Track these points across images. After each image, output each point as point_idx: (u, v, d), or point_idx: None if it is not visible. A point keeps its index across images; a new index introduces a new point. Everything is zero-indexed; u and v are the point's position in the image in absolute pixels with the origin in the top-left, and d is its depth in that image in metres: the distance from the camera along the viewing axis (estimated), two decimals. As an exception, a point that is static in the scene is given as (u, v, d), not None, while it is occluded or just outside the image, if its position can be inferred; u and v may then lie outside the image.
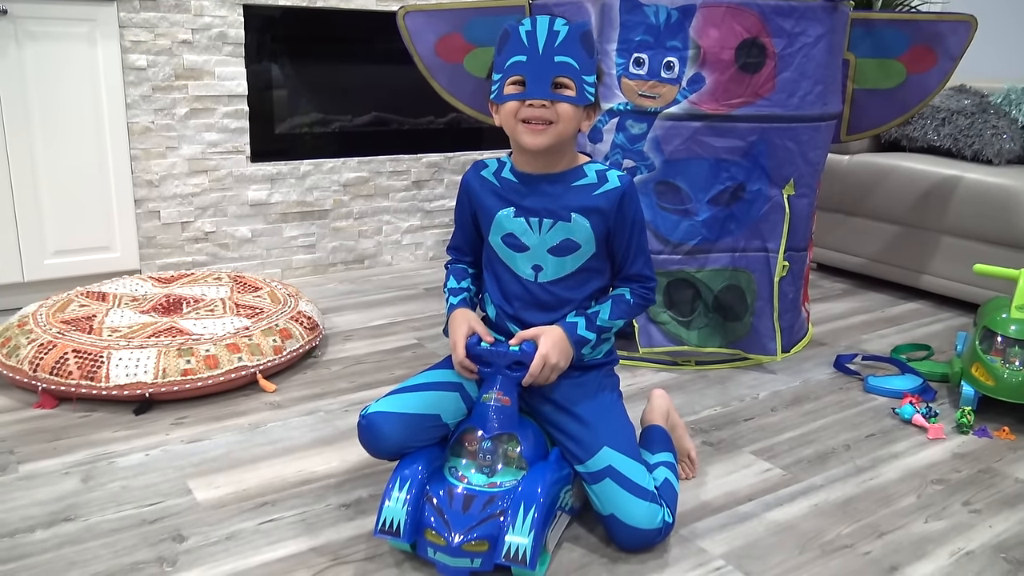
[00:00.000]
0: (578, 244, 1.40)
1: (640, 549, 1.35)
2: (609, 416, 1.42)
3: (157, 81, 2.48)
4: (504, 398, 1.35)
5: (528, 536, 1.22)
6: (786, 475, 1.65)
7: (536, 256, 1.41)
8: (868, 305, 2.76)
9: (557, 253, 1.40)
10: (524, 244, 1.41)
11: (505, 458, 1.35)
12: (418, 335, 2.35)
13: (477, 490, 1.30)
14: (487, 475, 1.33)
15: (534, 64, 1.30)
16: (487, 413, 1.36)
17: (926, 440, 1.81)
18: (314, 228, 2.87)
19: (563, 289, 1.42)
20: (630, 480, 1.33)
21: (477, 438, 1.35)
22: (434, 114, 3.05)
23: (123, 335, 1.94)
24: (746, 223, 2.10)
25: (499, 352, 1.36)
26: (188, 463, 1.62)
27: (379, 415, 1.35)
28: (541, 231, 1.40)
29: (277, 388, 1.96)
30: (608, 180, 1.39)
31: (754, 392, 2.04)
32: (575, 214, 1.38)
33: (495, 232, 1.43)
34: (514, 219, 1.40)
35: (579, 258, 1.41)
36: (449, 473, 1.34)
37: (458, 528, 1.25)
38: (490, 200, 1.43)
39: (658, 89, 1.99)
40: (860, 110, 2.36)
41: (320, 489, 1.54)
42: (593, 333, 1.40)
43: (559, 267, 1.41)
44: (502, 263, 1.45)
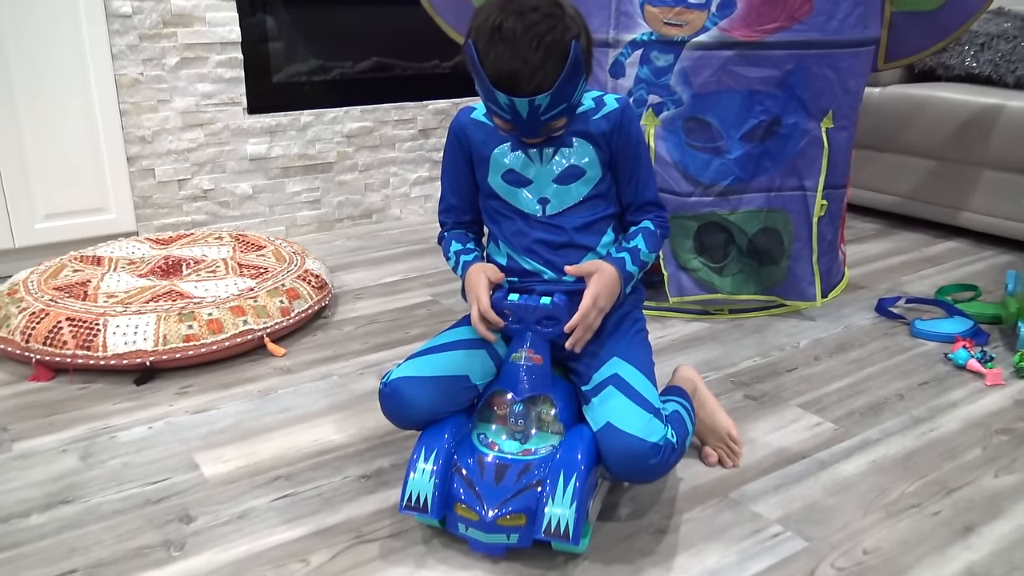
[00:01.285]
0: (583, 169, 1.28)
1: (635, 471, 1.15)
2: (627, 335, 1.31)
3: (144, 29, 2.32)
4: (536, 356, 1.23)
5: (570, 508, 1.11)
6: (838, 429, 1.53)
7: (541, 187, 1.29)
8: (904, 245, 2.62)
9: (563, 181, 1.29)
10: (526, 177, 1.29)
11: (539, 422, 1.23)
12: (433, 291, 2.22)
13: (510, 458, 1.18)
14: (520, 441, 1.21)
15: (519, 122, 1.17)
16: (517, 374, 1.24)
17: (984, 387, 1.69)
18: (318, 182, 2.73)
19: (573, 221, 1.30)
20: (634, 389, 1.20)
21: (507, 401, 1.23)
22: (439, 57, 2.88)
23: (120, 300, 1.81)
24: (782, 160, 1.95)
25: (528, 306, 1.23)
26: (194, 435, 1.50)
27: (403, 380, 1.22)
28: (543, 160, 1.28)
29: (286, 352, 1.84)
30: (605, 103, 1.28)
31: (794, 340, 1.92)
32: (576, 138, 1.27)
33: (494, 172, 1.31)
34: (512, 153, 1.29)
35: (586, 184, 1.29)
36: (478, 441, 1.22)
37: (491, 501, 1.14)
38: (483, 140, 1.31)
39: (685, 16, 1.83)
40: (898, 35, 2.18)
41: (337, 460, 1.43)
42: (637, 267, 1.29)
43: (566, 196, 1.29)
44: (505, 204, 1.32)
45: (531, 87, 1.11)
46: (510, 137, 1.28)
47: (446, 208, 1.40)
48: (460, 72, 2.93)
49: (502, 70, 1.11)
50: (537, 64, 1.10)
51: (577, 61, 1.13)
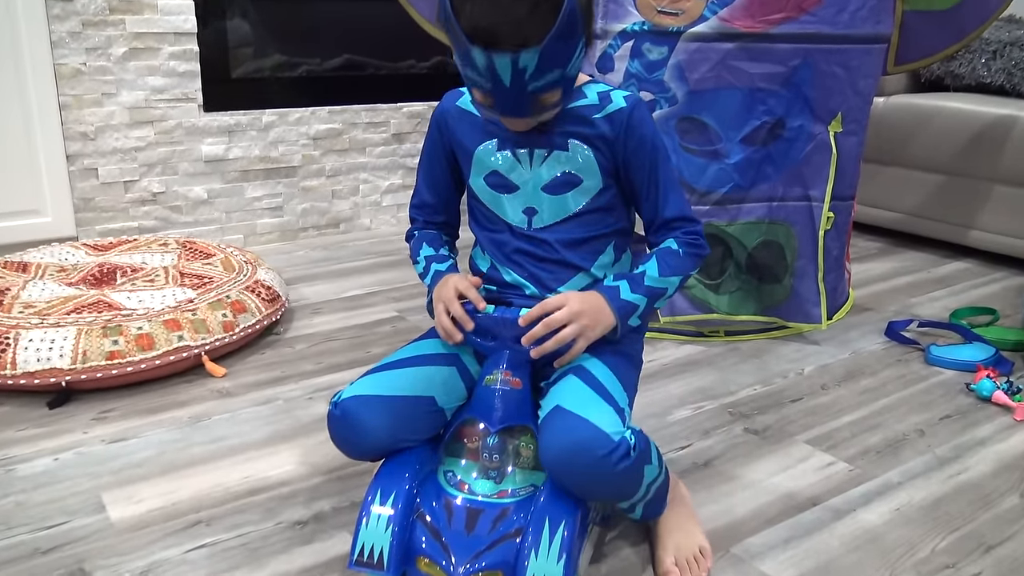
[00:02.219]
0: (579, 178, 1.07)
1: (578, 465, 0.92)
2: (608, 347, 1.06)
3: (88, 15, 2.11)
4: (514, 380, 1.03)
5: (557, 564, 0.91)
6: (854, 470, 1.33)
7: (528, 196, 1.08)
8: (911, 265, 2.44)
9: (554, 190, 1.07)
10: (512, 183, 1.08)
11: (517, 457, 1.03)
12: (398, 307, 2.01)
13: (483, 502, 0.99)
14: (495, 481, 1.01)
15: (502, 95, 0.95)
16: (492, 400, 1.03)
17: (1013, 422, 1.50)
18: (281, 188, 2.52)
19: (563, 237, 1.08)
20: (598, 380, 1.00)
21: (479, 432, 1.03)
22: (415, 57, 2.69)
23: (37, 311, 1.60)
24: (785, 166, 1.76)
25: (505, 319, 1.03)
26: (106, 470, 1.29)
27: (357, 400, 1.00)
28: (532, 164, 1.07)
29: (227, 372, 1.62)
30: (612, 100, 1.05)
31: (798, 367, 1.72)
32: (573, 140, 1.05)
33: (476, 172, 1.10)
34: (498, 153, 1.08)
35: (582, 195, 1.07)
36: (445, 480, 1.02)
37: (462, 554, 0.94)
38: (468, 133, 1.10)
39: (681, 3, 1.64)
40: (911, 36, 2.01)
41: (271, 501, 1.21)
42: (642, 296, 1.04)
43: (557, 208, 1.08)
44: (487, 211, 1.12)
45: (515, 40, 0.89)
46: (497, 132, 1.07)
47: (418, 204, 1.20)
48: (439, 73, 2.74)
49: (480, 21, 0.89)
50: (523, 13, 0.89)
51: (573, 15, 0.90)
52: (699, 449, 1.38)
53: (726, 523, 1.18)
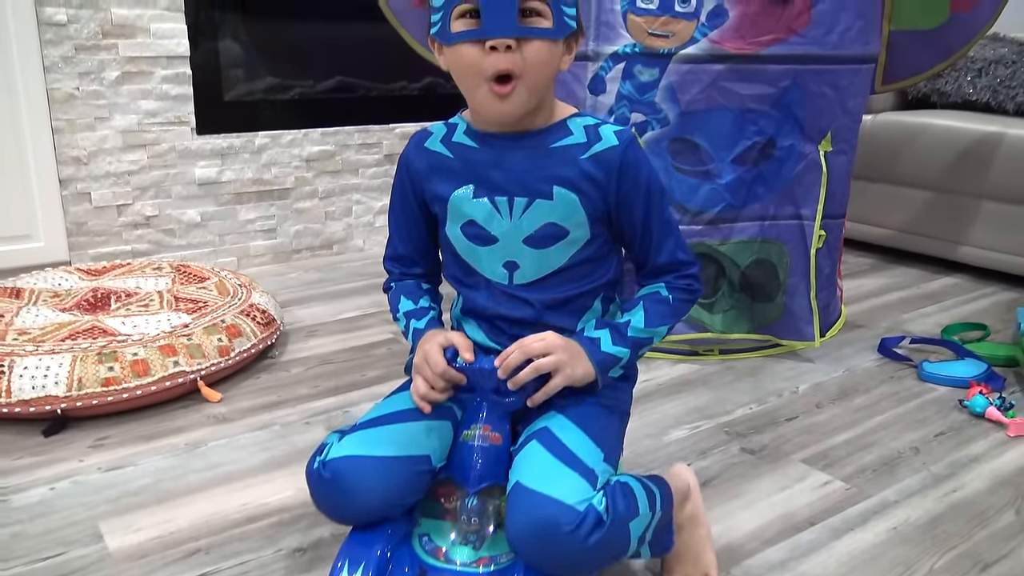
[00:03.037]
0: (565, 230, 0.99)
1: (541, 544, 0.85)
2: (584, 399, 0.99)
3: (81, 39, 2.12)
4: (493, 435, 0.96)
5: None
6: (850, 489, 1.33)
7: (508, 249, 1.00)
8: (901, 281, 2.45)
9: (536, 244, 0.99)
10: (491, 234, 1.00)
11: (497, 518, 0.95)
12: (394, 329, 2.02)
13: (461, 571, 0.92)
14: (474, 546, 0.94)
15: None
16: (470, 458, 0.96)
17: (1007, 438, 1.51)
18: (274, 210, 2.53)
19: (547, 297, 1.01)
20: (562, 444, 0.92)
21: (457, 492, 0.97)
22: (407, 78, 2.70)
23: (32, 338, 1.59)
24: (777, 186, 1.78)
25: (484, 370, 0.96)
26: (103, 499, 1.28)
27: (347, 462, 0.92)
28: (512, 215, 0.98)
29: (223, 397, 1.62)
30: (602, 138, 0.98)
31: (792, 385, 1.73)
32: (558, 187, 0.97)
33: (452, 220, 1.02)
34: (474, 200, 0.99)
35: (567, 248, 1.00)
36: (420, 545, 0.95)
37: None
38: (440, 180, 1.02)
39: (672, 26, 1.66)
40: (897, 55, 2.03)
41: (269, 528, 1.21)
42: (625, 348, 0.98)
43: (540, 263, 1.00)
44: (463, 264, 1.04)
45: None
46: (473, 177, 0.99)
47: (393, 255, 1.12)
48: (430, 94, 2.76)
49: None
50: None
51: None
52: (696, 469, 1.38)
53: (725, 544, 1.18)
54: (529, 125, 0.99)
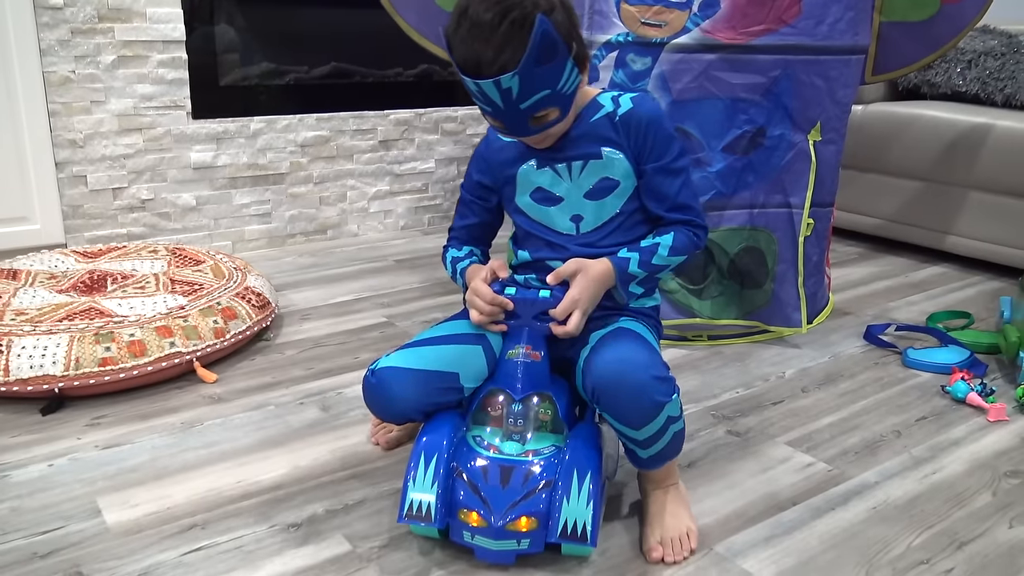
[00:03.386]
0: (616, 181, 1.19)
1: (627, 389, 1.06)
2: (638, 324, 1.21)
3: (77, 23, 2.13)
4: (534, 353, 1.15)
5: (587, 508, 1.05)
6: (832, 470, 1.37)
7: (572, 205, 1.21)
8: (889, 270, 2.49)
9: (595, 196, 1.20)
10: (557, 195, 1.21)
11: (537, 422, 1.15)
12: (387, 312, 2.04)
13: (514, 459, 1.10)
14: (519, 443, 1.13)
15: (501, 114, 1.09)
16: (514, 372, 1.15)
17: (987, 423, 1.54)
18: (269, 195, 2.54)
19: (608, 238, 1.21)
20: (639, 336, 1.14)
21: (501, 402, 1.15)
22: (403, 65, 2.72)
23: (30, 319, 1.61)
24: (766, 174, 1.80)
25: (526, 299, 1.16)
26: (101, 475, 1.30)
27: (391, 372, 1.15)
28: (572, 176, 1.20)
29: (218, 378, 1.64)
30: (621, 105, 1.18)
31: (779, 370, 1.76)
32: (605, 148, 1.18)
33: (522, 192, 1.24)
34: (539, 171, 1.21)
35: (620, 196, 1.20)
36: (475, 443, 1.13)
37: (499, 506, 1.06)
38: (507, 161, 1.24)
39: (664, 15, 1.68)
40: (888, 46, 2.06)
41: (263, 505, 1.23)
42: (645, 271, 1.18)
43: (600, 212, 1.21)
44: (538, 224, 1.24)
45: (495, 67, 1.02)
46: (535, 152, 1.20)
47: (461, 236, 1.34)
48: (425, 81, 2.77)
49: (466, 53, 1.04)
50: (500, 43, 1.01)
51: (547, 38, 1.01)
52: (683, 451, 1.39)
53: (709, 522, 1.21)
54: None
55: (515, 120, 1.08)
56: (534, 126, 1.10)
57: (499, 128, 1.14)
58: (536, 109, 1.07)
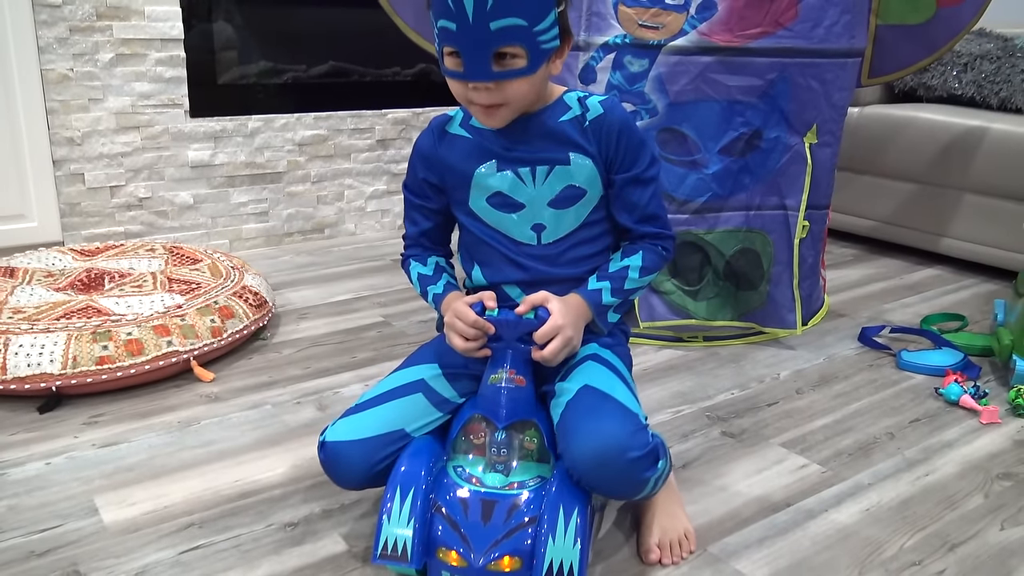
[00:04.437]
0: (583, 189, 1.13)
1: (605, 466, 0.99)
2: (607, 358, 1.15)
3: (75, 21, 2.13)
4: (518, 378, 1.09)
5: (574, 547, 0.98)
6: (826, 472, 1.37)
7: (534, 213, 1.14)
8: (884, 272, 2.50)
9: (559, 204, 1.13)
10: (518, 201, 1.13)
11: (521, 451, 1.08)
12: (384, 312, 2.05)
13: (496, 493, 1.04)
14: (503, 474, 1.07)
15: (467, 37, 0.98)
16: (497, 398, 1.08)
17: (979, 425, 1.55)
18: (266, 193, 2.55)
19: (571, 250, 1.15)
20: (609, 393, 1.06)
21: (484, 429, 1.09)
22: (400, 64, 2.72)
23: (27, 317, 1.61)
24: (762, 176, 1.81)
25: (509, 321, 1.08)
26: (98, 473, 1.31)
27: (336, 446, 1.08)
28: (535, 182, 1.12)
29: (215, 377, 1.65)
30: (589, 108, 1.12)
31: (774, 371, 1.77)
32: (572, 153, 1.11)
33: (476, 196, 1.15)
34: (499, 174, 1.13)
35: (585, 206, 1.14)
36: (456, 474, 1.07)
37: (480, 544, 1.00)
38: (461, 159, 1.14)
39: (662, 17, 1.69)
40: (884, 49, 2.07)
41: (261, 504, 1.24)
42: (619, 298, 1.13)
43: (563, 221, 1.14)
44: (493, 232, 1.16)
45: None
46: (495, 152, 1.12)
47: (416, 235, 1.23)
48: (423, 80, 2.78)
49: None
50: None
51: None
52: (678, 452, 1.42)
53: (704, 523, 1.22)
54: (531, 108, 1.11)
55: (478, 49, 0.98)
56: (496, 69, 0.99)
57: (454, 70, 1.02)
58: (506, 38, 0.97)
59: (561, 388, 1.09)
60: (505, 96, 1.03)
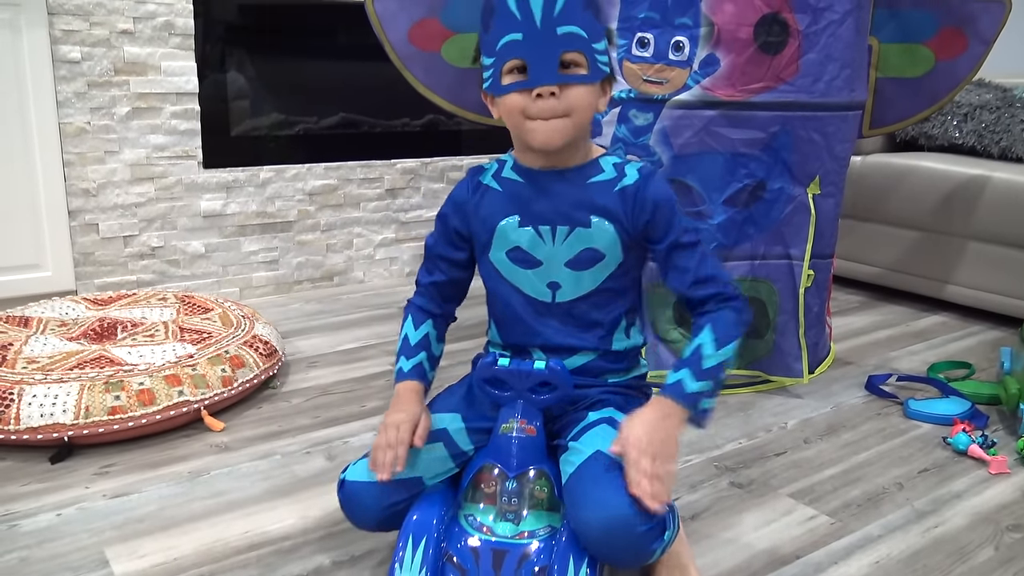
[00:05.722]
0: (602, 254, 1.13)
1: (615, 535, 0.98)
2: None
3: (93, 76, 2.18)
4: (529, 427, 1.10)
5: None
6: (835, 523, 1.37)
7: (551, 271, 1.15)
8: (889, 319, 2.51)
9: (576, 266, 1.14)
10: (535, 258, 1.14)
11: (532, 500, 1.09)
12: (393, 360, 2.05)
13: (507, 543, 1.05)
14: (513, 523, 1.07)
15: (534, 42, 1.03)
16: (508, 447, 1.10)
17: (988, 475, 1.55)
18: (276, 242, 2.58)
19: (588, 309, 1.16)
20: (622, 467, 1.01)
21: (495, 478, 1.10)
22: (409, 115, 2.78)
23: (41, 367, 1.63)
24: (767, 226, 1.83)
25: (521, 371, 1.10)
26: (109, 524, 1.31)
27: (355, 487, 1.10)
28: (555, 241, 1.13)
29: (226, 426, 1.66)
30: (626, 175, 1.13)
31: (781, 420, 1.77)
32: (595, 217, 1.12)
33: (497, 247, 1.16)
34: (520, 229, 1.14)
35: (603, 270, 1.14)
36: (467, 523, 1.08)
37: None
38: (489, 210, 1.16)
39: (666, 73, 1.73)
40: (884, 101, 2.11)
41: (271, 556, 1.24)
42: (707, 380, 1.06)
43: (580, 283, 1.15)
44: (508, 286, 1.18)
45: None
46: (520, 209, 1.14)
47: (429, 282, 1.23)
48: (431, 131, 2.83)
49: None
50: None
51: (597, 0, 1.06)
52: (686, 503, 1.42)
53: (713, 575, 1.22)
54: (568, 162, 1.13)
55: (545, 53, 1.02)
56: (561, 72, 1.03)
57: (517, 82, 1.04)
58: (570, 43, 1.02)
59: (574, 448, 1.09)
60: (569, 104, 1.05)
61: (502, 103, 1.08)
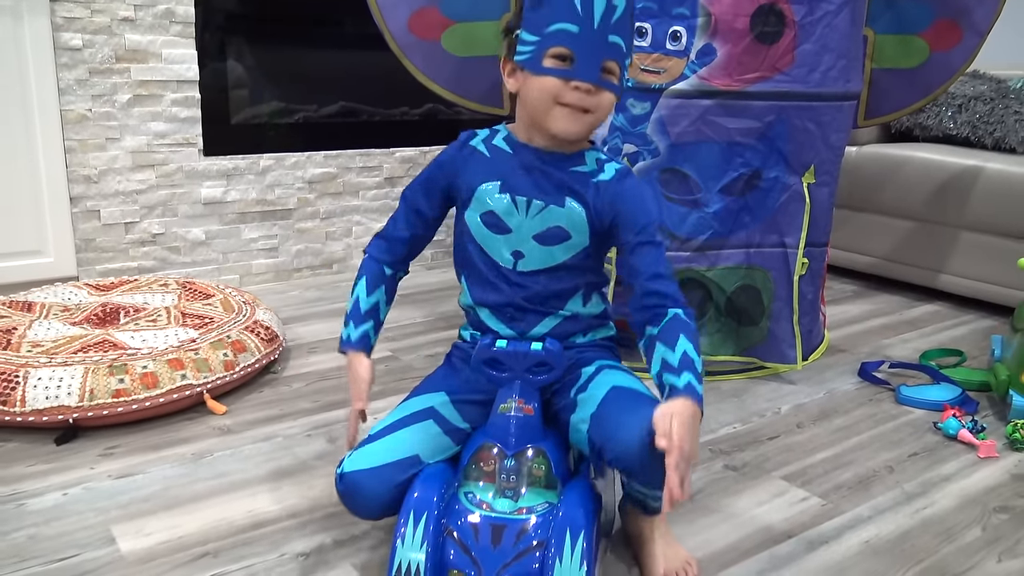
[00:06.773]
0: (568, 234, 1.18)
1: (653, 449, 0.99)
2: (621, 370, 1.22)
3: (95, 63, 2.20)
4: (527, 407, 1.14)
5: (580, 569, 1.01)
6: (826, 505, 1.40)
7: (518, 241, 1.19)
8: (883, 308, 2.54)
9: (543, 242, 1.18)
10: (507, 225, 1.19)
11: (530, 477, 1.12)
12: (392, 346, 2.08)
13: (506, 518, 1.07)
14: (512, 499, 1.10)
15: (587, 40, 1.08)
16: (507, 426, 1.13)
17: (977, 459, 1.58)
18: (276, 229, 2.60)
19: (544, 287, 1.20)
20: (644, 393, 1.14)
21: (494, 456, 1.13)
22: (408, 104, 2.79)
23: (45, 351, 1.66)
24: (762, 215, 1.86)
25: (519, 352, 1.14)
26: (114, 504, 1.34)
27: (355, 475, 1.11)
28: (528, 213, 1.18)
29: (228, 410, 1.68)
30: (604, 171, 1.18)
31: (775, 406, 1.80)
32: (569, 199, 1.17)
33: (474, 208, 1.20)
34: (498, 196, 1.18)
35: (567, 250, 1.19)
36: (467, 500, 1.11)
37: (490, 566, 1.03)
38: (472, 171, 1.21)
39: (663, 63, 1.75)
40: (879, 92, 2.13)
41: (274, 534, 1.27)
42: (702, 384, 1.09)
43: (543, 257, 1.19)
44: (476, 247, 1.22)
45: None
46: (503, 175, 1.18)
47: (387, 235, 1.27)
48: (430, 120, 2.84)
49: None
50: None
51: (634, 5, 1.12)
52: (681, 485, 1.45)
53: (706, 554, 1.25)
54: (560, 148, 1.18)
55: (593, 54, 1.08)
56: (603, 77, 1.09)
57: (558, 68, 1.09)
58: (614, 52, 1.09)
59: (585, 397, 1.15)
60: (598, 103, 1.11)
61: (536, 81, 1.11)
